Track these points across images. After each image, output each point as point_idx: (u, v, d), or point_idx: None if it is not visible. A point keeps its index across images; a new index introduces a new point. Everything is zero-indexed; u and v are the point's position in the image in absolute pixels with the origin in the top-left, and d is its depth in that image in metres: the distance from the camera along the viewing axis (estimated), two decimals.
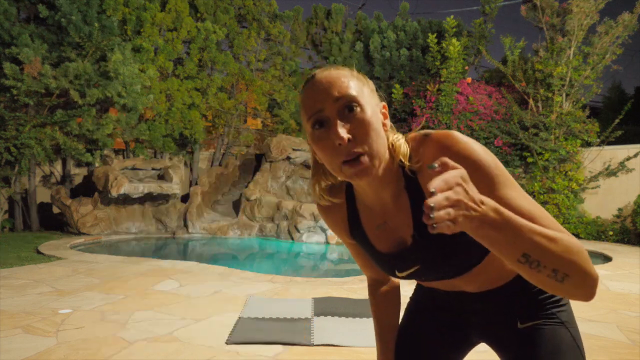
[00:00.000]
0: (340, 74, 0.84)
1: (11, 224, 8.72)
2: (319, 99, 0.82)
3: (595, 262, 6.47)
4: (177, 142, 10.77)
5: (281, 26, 12.46)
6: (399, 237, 0.96)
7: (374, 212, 0.98)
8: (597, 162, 9.09)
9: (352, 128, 0.81)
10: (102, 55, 8.91)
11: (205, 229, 8.83)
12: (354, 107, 0.82)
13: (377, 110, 0.86)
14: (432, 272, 0.98)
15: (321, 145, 0.83)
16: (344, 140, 0.80)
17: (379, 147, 0.83)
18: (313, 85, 0.84)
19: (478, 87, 10.42)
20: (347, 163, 0.82)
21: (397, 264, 0.99)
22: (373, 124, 0.83)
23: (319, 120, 0.83)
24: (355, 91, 0.83)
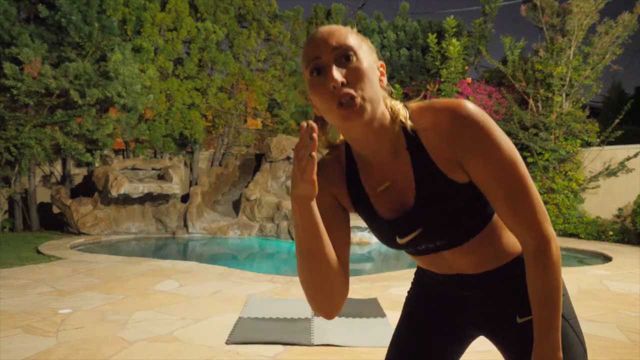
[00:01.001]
0: (340, 27, 0.88)
1: (11, 224, 8.72)
2: (317, 48, 0.86)
3: (595, 262, 6.47)
4: (177, 142, 10.77)
5: (281, 26, 12.46)
6: (400, 200, 0.95)
7: (373, 174, 0.97)
8: (597, 162, 9.09)
9: (348, 74, 0.84)
10: (102, 55, 8.91)
11: (205, 229, 8.83)
12: (350, 56, 0.85)
13: (374, 66, 0.89)
14: (434, 235, 0.96)
15: (317, 91, 0.86)
16: (338, 83, 0.82)
17: (373, 94, 0.85)
18: (314, 36, 0.88)
19: (478, 87, 10.42)
20: (340, 105, 0.83)
21: (399, 228, 0.98)
22: (368, 74, 0.85)
23: (316, 67, 0.86)
24: (352, 42, 0.86)
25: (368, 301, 3.89)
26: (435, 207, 0.93)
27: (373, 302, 3.87)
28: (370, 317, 3.44)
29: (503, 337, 1.06)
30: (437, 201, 0.92)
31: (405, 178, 0.93)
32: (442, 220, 0.94)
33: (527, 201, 0.87)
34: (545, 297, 0.89)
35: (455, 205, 0.92)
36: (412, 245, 1.00)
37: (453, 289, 1.10)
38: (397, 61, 11.99)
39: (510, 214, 0.88)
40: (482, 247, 0.99)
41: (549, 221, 0.90)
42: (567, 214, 8.91)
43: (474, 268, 1.03)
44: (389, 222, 0.98)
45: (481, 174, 0.88)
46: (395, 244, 1.01)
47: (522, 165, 0.87)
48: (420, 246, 1.00)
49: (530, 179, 0.88)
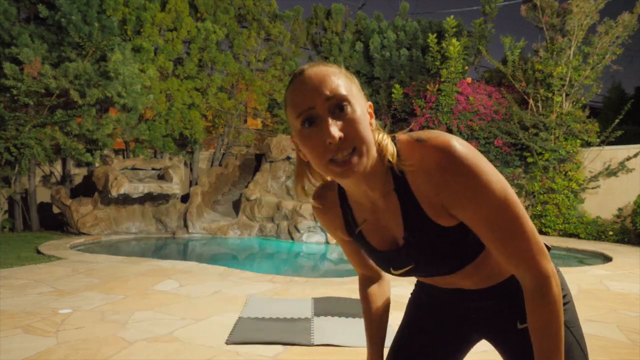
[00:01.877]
0: (330, 71, 0.83)
1: (11, 224, 8.72)
2: (309, 97, 0.81)
3: (595, 262, 6.47)
4: (177, 142, 10.77)
5: (281, 26, 12.46)
6: (392, 237, 0.97)
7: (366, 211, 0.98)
8: (597, 162, 9.09)
9: (343, 127, 0.81)
10: (102, 55, 8.90)
11: (205, 229, 8.83)
12: (345, 106, 0.81)
13: (364, 110, 0.86)
14: (426, 270, 1.00)
15: (310, 144, 0.82)
16: (335, 139, 0.79)
17: (368, 146, 0.83)
18: (302, 81, 0.83)
19: (478, 87, 10.42)
20: (333, 162, 0.81)
21: (392, 262, 1.00)
22: (363, 124, 0.82)
23: (308, 118, 0.82)
24: (345, 90, 0.82)
25: None
26: (423, 248, 0.94)
27: None
28: None
29: (504, 343, 1.06)
30: (425, 243, 0.92)
31: (395, 218, 0.93)
32: (430, 259, 0.96)
33: (521, 242, 0.85)
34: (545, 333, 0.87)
35: (443, 245, 0.92)
36: (408, 275, 1.03)
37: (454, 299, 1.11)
38: (397, 61, 11.99)
39: (505, 256, 0.86)
40: (478, 271, 1.00)
41: (547, 258, 0.87)
42: (567, 214, 8.91)
43: (473, 285, 1.04)
44: (382, 254, 1.00)
45: (470, 217, 0.86)
46: (392, 273, 1.04)
47: (514, 204, 0.84)
48: (416, 275, 1.05)
49: (524, 216, 0.85)
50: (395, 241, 0.97)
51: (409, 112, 11.47)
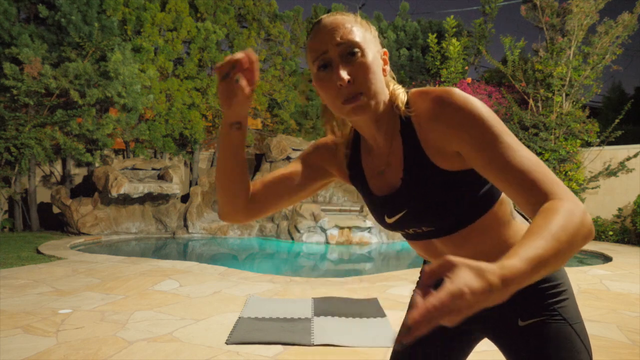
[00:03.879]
0: (344, 20, 0.90)
1: (11, 224, 8.72)
2: (323, 42, 0.88)
3: (595, 262, 6.47)
4: (177, 142, 10.77)
5: (281, 26, 12.46)
6: (391, 181, 0.99)
7: (374, 159, 1.02)
8: (597, 162, 9.09)
9: (353, 71, 0.87)
10: (102, 55, 8.91)
11: (205, 229, 8.83)
12: (356, 52, 0.87)
13: (377, 56, 0.91)
14: (418, 219, 0.98)
15: (324, 86, 0.89)
16: (344, 81, 0.86)
17: (377, 89, 0.89)
18: (319, 29, 0.90)
19: (478, 87, 10.42)
20: (346, 102, 0.88)
21: (387, 207, 1.01)
22: (373, 68, 0.88)
23: (323, 62, 0.89)
24: (357, 36, 0.88)
25: (368, 301, 3.89)
26: (419, 191, 0.95)
27: (373, 302, 3.87)
28: (370, 317, 3.44)
29: (505, 340, 1.06)
30: (422, 186, 0.94)
31: (397, 160, 0.97)
32: (425, 205, 0.95)
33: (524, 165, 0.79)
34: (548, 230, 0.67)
35: (440, 192, 0.93)
36: (401, 227, 1.03)
37: None
38: (397, 61, 11.99)
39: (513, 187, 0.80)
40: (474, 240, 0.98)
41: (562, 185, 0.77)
42: None
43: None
44: (379, 199, 1.02)
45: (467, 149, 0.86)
46: (385, 223, 1.04)
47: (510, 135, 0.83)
48: (409, 229, 1.02)
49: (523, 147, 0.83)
50: (393, 185, 0.99)
51: None
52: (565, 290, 1.02)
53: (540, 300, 1.00)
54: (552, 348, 0.97)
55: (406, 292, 4.19)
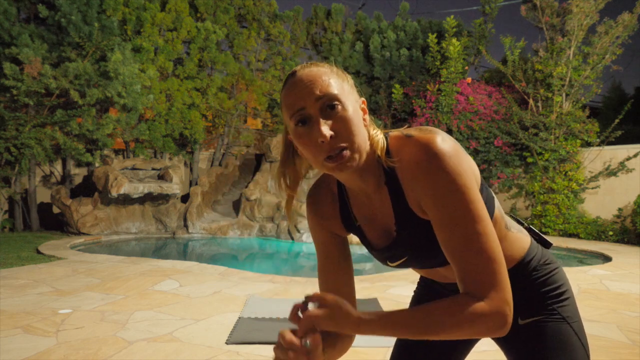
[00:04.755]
0: (320, 72, 0.86)
1: (11, 224, 8.72)
2: (300, 97, 0.84)
3: (595, 262, 6.47)
4: (177, 142, 10.77)
5: (281, 26, 12.46)
6: (385, 231, 0.98)
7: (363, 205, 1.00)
8: (597, 162, 9.09)
9: (334, 125, 0.83)
10: (102, 55, 8.91)
11: (205, 229, 8.83)
12: (336, 105, 0.83)
13: (357, 107, 0.88)
14: (419, 261, 1.00)
15: (304, 143, 0.85)
16: (327, 138, 0.82)
17: (360, 142, 0.85)
18: (294, 83, 0.85)
19: (478, 87, 10.42)
20: (328, 158, 0.84)
21: (388, 255, 1.01)
22: (354, 120, 0.84)
23: (301, 118, 0.85)
24: (336, 89, 0.84)
25: (368, 301, 3.89)
26: (414, 240, 0.94)
27: (373, 302, 3.87)
28: None
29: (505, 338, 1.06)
30: (415, 235, 0.93)
31: (387, 211, 0.95)
32: (423, 251, 0.96)
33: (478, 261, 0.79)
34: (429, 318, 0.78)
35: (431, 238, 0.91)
36: (404, 267, 1.03)
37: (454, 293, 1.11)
38: (397, 61, 11.99)
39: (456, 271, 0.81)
40: None
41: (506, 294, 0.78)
42: (567, 214, 8.91)
43: None
44: (379, 250, 1.02)
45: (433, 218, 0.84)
46: (388, 265, 1.04)
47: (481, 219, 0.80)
48: (412, 267, 1.05)
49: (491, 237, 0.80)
50: (389, 235, 0.98)
51: (409, 112, 11.47)
52: (565, 291, 1.03)
53: (541, 300, 1.01)
54: (550, 346, 0.98)
55: (406, 292, 4.19)
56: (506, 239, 1.00)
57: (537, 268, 1.03)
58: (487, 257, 0.79)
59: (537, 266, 1.03)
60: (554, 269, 1.05)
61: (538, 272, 1.03)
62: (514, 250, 1.01)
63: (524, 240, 1.05)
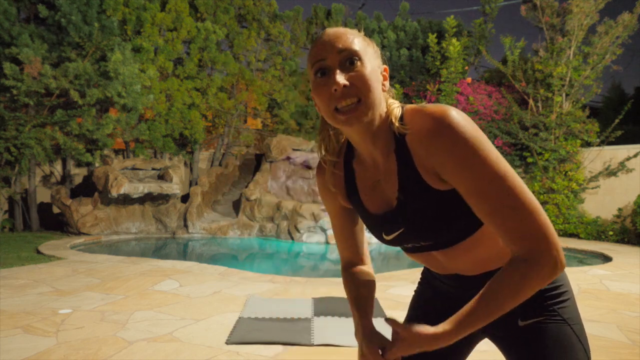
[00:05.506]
0: (347, 31, 0.90)
1: (11, 224, 8.72)
2: (323, 49, 0.87)
3: (595, 262, 6.47)
4: (177, 142, 10.77)
5: (281, 26, 12.46)
6: (387, 199, 0.98)
7: (368, 172, 1.01)
8: (597, 162, 9.09)
9: (351, 78, 0.85)
10: (102, 55, 8.90)
11: (205, 229, 8.83)
12: (355, 60, 0.86)
13: (377, 70, 0.90)
14: (416, 236, 0.98)
15: (319, 92, 0.88)
16: (340, 85, 0.84)
17: (374, 99, 0.87)
18: (321, 37, 0.90)
19: (478, 87, 10.42)
20: (339, 111, 0.86)
21: (384, 225, 1.01)
22: (371, 79, 0.87)
23: (321, 68, 0.88)
24: (358, 47, 0.87)
25: None
26: (414, 211, 0.94)
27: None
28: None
29: (505, 340, 1.06)
30: (417, 205, 0.93)
31: (392, 178, 0.96)
32: (421, 224, 0.95)
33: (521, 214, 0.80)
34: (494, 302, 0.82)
35: (436, 211, 0.92)
36: (399, 243, 1.03)
37: (455, 289, 1.10)
38: (397, 61, 11.99)
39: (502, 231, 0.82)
40: (473, 251, 0.99)
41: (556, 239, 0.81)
42: (567, 214, 8.91)
43: (469, 270, 1.03)
44: (375, 217, 1.02)
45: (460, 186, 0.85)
46: (383, 239, 1.04)
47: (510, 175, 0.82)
48: (407, 244, 1.03)
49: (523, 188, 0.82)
50: (388, 204, 0.98)
51: None
52: (565, 292, 1.03)
53: (541, 301, 1.00)
54: (550, 347, 0.97)
55: (406, 292, 4.19)
56: None
57: None
58: (524, 210, 0.81)
59: None
60: None
61: None
62: None
63: None
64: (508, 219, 0.81)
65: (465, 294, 1.09)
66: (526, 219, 0.80)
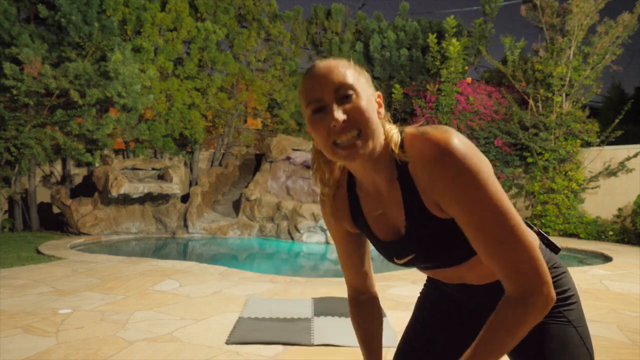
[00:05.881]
0: (338, 64, 0.89)
1: (11, 224, 8.72)
2: (317, 87, 0.87)
3: (595, 262, 6.47)
4: (177, 142, 10.77)
5: (281, 26, 12.46)
6: (395, 226, 0.99)
7: (372, 199, 1.00)
8: (597, 162, 9.09)
9: (347, 112, 0.86)
10: (102, 55, 8.90)
11: (205, 229, 8.83)
12: (350, 94, 0.86)
13: (372, 99, 0.90)
14: (427, 260, 1.00)
15: (317, 128, 0.88)
16: (339, 121, 0.85)
17: (373, 129, 0.87)
18: (312, 73, 0.89)
19: (478, 87, 10.42)
20: (339, 146, 0.87)
21: (395, 251, 1.02)
22: (368, 110, 0.87)
23: (317, 107, 0.88)
24: (351, 79, 0.87)
25: None
26: (423, 238, 0.95)
27: None
28: None
29: None
30: (425, 233, 0.94)
31: (397, 207, 0.96)
32: (431, 249, 0.96)
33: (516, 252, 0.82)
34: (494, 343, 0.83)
35: (441, 237, 0.93)
36: (411, 265, 1.04)
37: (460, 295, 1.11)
38: (397, 61, 11.99)
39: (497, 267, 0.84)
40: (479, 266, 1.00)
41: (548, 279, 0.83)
42: (567, 214, 8.91)
43: (477, 280, 1.04)
44: (386, 244, 1.02)
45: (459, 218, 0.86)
46: (395, 263, 1.05)
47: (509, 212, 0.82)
48: (419, 266, 1.05)
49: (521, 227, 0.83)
50: (398, 230, 0.98)
51: (409, 112, 11.47)
52: (572, 295, 1.04)
53: None
54: (555, 348, 0.97)
55: (406, 292, 4.19)
56: None
57: None
58: (520, 246, 0.82)
59: None
60: (561, 273, 1.05)
61: None
62: None
63: None
64: (505, 254, 0.82)
65: (470, 301, 1.10)
66: (521, 255, 0.82)
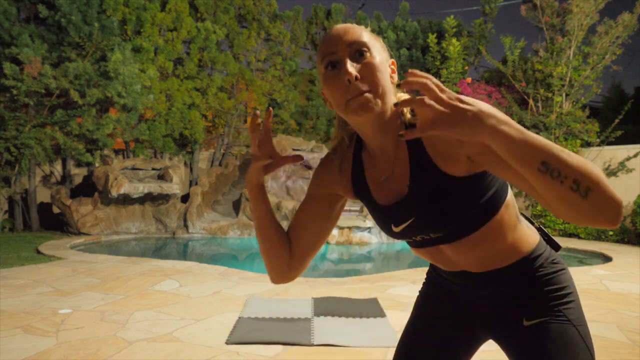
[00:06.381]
0: (355, 25, 0.93)
1: (11, 224, 8.72)
2: (333, 44, 0.90)
3: (595, 262, 6.47)
4: (177, 142, 10.77)
5: (281, 26, 12.46)
6: (397, 189, 0.99)
7: (378, 164, 1.01)
8: (597, 162, 9.09)
9: (361, 69, 0.88)
10: (102, 55, 8.90)
11: (205, 229, 8.83)
12: (364, 51, 0.89)
13: (385, 63, 0.93)
14: (426, 227, 0.98)
15: (331, 84, 0.90)
16: (352, 75, 0.86)
17: (385, 89, 0.89)
18: (330, 33, 0.92)
19: (478, 87, 10.43)
20: (351, 100, 0.88)
21: (393, 216, 1.01)
22: (380, 69, 0.89)
23: (331, 62, 0.90)
24: (366, 39, 0.90)
25: (368, 301, 3.89)
26: (426, 199, 0.94)
27: (373, 302, 3.87)
28: (370, 317, 3.44)
29: (509, 340, 1.05)
30: (429, 194, 0.93)
31: (403, 168, 0.96)
32: (433, 213, 0.95)
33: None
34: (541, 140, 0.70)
35: (447, 199, 0.92)
36: (408, 235, 1.02)
37: (460, 288, 1.10)
38: (397, 61, 12.00)
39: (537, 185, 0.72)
40: (482, 245, 0.98)
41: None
42: None
43: (477, 266, 1.02)
44: (384, 209, 1.01)
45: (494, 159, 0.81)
46: (392, 232, 1.03)
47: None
48: (416, 236, 1.02)
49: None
50: (399, 194, 0.98)
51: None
52: (570, 293, 1.03)
53: (546, 301, 1.00)
54: (555, 347, 0.97)
55: (406, 292, 4.19)
56: (516, 230, 1.00)
57: (543, 265, 1.02)
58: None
59: (543, 263, 1.02)
60: (561, 269, 1.04)
61: (544, 270, 1.02)
62: (522, 243, 1.01)
63: (532, 236, 1.04)
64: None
65: (470, 293, 1.09)
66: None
